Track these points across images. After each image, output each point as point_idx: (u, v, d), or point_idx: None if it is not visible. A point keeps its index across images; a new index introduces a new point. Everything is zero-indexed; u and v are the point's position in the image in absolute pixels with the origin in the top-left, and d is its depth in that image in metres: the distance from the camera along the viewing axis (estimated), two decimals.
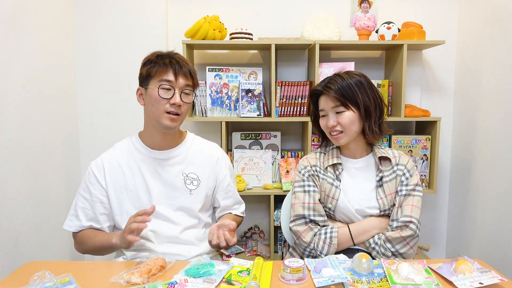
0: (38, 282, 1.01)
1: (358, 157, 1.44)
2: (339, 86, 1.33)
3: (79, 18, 2.23)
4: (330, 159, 1.44)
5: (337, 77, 1.36)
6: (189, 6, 2.32)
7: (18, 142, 1.64)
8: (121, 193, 1.37)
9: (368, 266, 1.09)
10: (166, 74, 1.30)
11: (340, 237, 1.33)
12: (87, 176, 1.39)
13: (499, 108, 1.97)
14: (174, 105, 1.30)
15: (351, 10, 2.35)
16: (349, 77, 1.35)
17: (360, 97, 1.33)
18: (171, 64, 1.31)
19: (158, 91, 1.29)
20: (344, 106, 1.33)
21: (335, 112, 1.35)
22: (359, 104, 1.33)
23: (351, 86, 1.33)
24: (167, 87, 1.30)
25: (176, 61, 1.32)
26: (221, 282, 1.06)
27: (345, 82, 1.33)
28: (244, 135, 2.31)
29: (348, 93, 1.32)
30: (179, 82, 1.31)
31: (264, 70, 2.29)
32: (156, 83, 1.30)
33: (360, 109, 1.34)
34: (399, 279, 1.05)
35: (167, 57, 1.33)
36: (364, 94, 1.34)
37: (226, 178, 1.49)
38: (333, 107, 1.35)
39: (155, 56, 1.34)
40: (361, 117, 1.35)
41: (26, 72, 1.72)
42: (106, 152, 1.43)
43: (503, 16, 1.95)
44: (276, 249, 2.34)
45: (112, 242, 1.28)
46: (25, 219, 1.68)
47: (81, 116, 2.28)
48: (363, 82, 1.35)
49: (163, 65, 1.30)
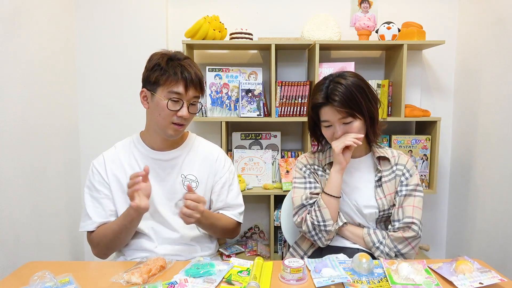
0: (38, 282, 1.01)
1: (357, 157, 1.44)
2: (344, 97, 1.29)
3: (79, 18, 2.23)
4: (328, 157, 1.44)
5: (338, 86, 1.31)
6: (189, 6, 2.32)
7: (18, 142, 1.63)
8: (122, 192, 1.36)
9: (368, 266, 1.10)
10: (177, 86, 1.26)
11: (324, 200, 1.33)
12: (91, 175, 1.38)
13: (499, 108, 1.97)
14: (181, 118, 1.29)
15: (351, 10, 2.35)
16: (348, 83, 1.31)
17: (364, 105, 1.31)
18: (182, 74, 1.26)
19: (167, 103, 1.26)
20: (351, 116, 1.31)
21: (342, 123, 1.33)
22: (364, 112, 1.32)
23: (354, 95, 1.29)
24: (176, 99, 1.27)
25: (188, 71, 1.27)
26: (221, 282, 1.06)
27: (348, 91, 1.29)
28: (244, 135, 2.31)
29: (353, 103, 1.29)
30: (188, 95, 1.28)
31: (264, 70, 2.29)
32: (165, 94, 1.26)
33: (365, 116, 1.33)
34: (399, 279, 1.05)
35: (178, 65, 1.27)
36: (366, 100, 1.32)
37: (221, 179, 1.45)
38: (340, 118, 1.32)
39: (165, 61, 1.27)
40: (366, 122, 1.35)
41: (26, 72, 1.72)
42: (108, 151, 1.43)
43: (503, 16, 1.95)
44: (276, 249, 2.34)
45: (127, 210, 1.25)
46: (25, 219, 1.68)
47: (81, 116, 2.28)
48: (362, 86, 1.33)
49: (174, 75, 1.25)
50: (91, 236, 1.36)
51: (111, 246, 1.36)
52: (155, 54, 1.32)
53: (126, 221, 1.27)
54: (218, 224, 1.40)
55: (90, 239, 1.36)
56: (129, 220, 1.27)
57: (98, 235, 1.34)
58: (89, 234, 1.36)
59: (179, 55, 1.32)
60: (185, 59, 1.31)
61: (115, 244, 1.35)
